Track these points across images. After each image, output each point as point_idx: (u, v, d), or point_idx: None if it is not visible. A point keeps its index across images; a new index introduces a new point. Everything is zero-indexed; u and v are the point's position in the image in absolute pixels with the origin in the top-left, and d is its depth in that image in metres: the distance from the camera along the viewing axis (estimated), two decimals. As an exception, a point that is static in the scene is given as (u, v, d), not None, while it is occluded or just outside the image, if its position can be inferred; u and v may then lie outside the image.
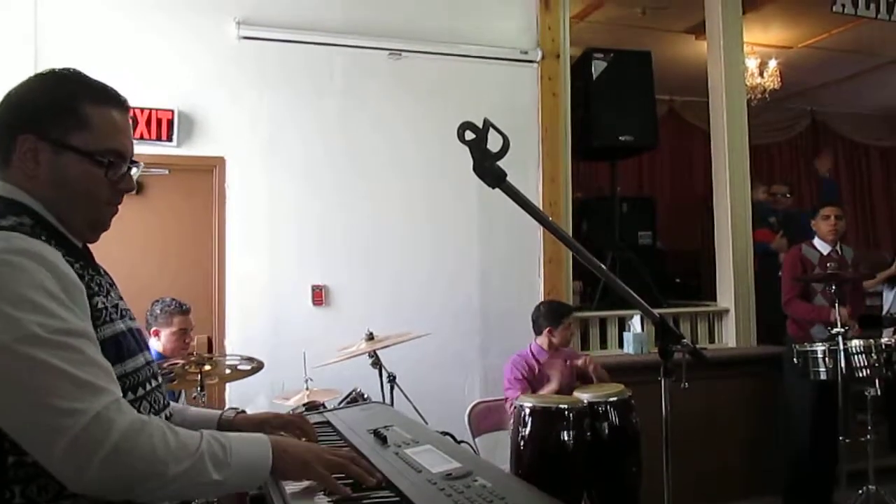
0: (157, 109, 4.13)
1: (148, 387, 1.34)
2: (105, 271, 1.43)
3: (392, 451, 1.66)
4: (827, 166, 8.15)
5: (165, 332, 3.43)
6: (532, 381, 3.83)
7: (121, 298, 1.40)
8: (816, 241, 4.58)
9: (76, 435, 1.07)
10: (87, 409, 1.08)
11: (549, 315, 3.95)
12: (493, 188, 1.31)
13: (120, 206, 1.40)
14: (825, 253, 4.51)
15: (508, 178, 1.35)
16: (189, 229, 4.38)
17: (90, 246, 1.41)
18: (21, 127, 1.28)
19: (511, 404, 3.79)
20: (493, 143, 1.30)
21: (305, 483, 1.43)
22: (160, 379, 1.43)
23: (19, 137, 1.27)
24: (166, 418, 1.39)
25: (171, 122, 4.19)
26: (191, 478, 1.17)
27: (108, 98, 1.35)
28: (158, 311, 3.45)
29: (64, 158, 1.28)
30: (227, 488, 1.24)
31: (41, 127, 1.28)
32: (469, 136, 1.28)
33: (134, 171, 1.39)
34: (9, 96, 1.32)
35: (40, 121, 1.28)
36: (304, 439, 1.68)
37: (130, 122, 1.41)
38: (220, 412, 1.68)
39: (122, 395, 1.17)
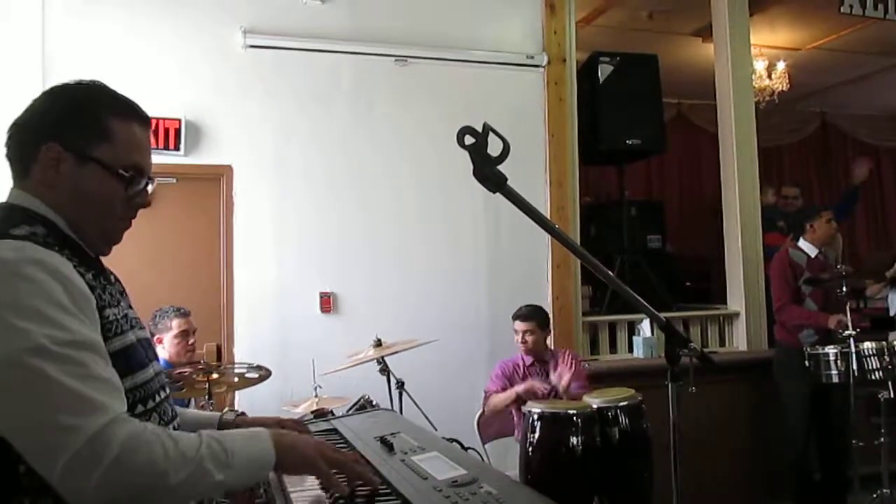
0: (164, 119, 4.14)
1: (158, 398, 1.35)
2: (116, 278, 1.43)
3: (398, 458, 1.65)
4: (863, 175, 7.52)
5: (167, 337, 3.45)
6: (511, 381, 3.82)
7: (130, 307, 1.40)
8: (803, 244, 4.55)
9: (76, 452, 1.06)
10: (86, 426, 1.08)
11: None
12: (494, 193, 1.31)
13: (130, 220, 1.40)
14: (812, 255, 4.50)
15: (515, 184, 1.34)
16: (197, 238, 4.40)
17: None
18: (46, 135, 1.29)
19: (487, 396, 3.81)
20: (494, 147, 1.30)
21: (312, 495, 1.43)
22: (168, 390, 1.43)
23: (43, 146, 1.28)
24: (174, 429, 1.38)
25: (178, 131, 4.20)
26: (193, 483, 1.16)
27: (132, 113, 1.36)
28: (158, 319, 3.47)
29: (86, 170, 1.29)
30: (233, 487, 1.24)
31: (66, 137, 1.28)
32: (469, 140, 1.27)
33: (150, 187, 1.40)
34: (34, 104, 1.33)
35: (65, 131, 1.29)
36: None
37: (151, 137, 1.42)
38: (219, 414, 1.69)
39: (125, 408, 1.16)
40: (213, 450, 1.19)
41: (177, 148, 4.19)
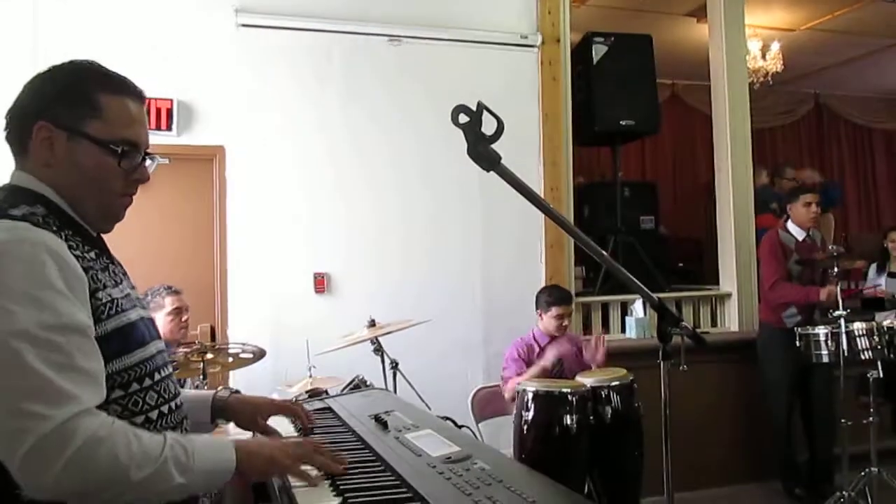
0: (156, 99, 4.11)
1: (157, 376, 1.35)
2: (117, 261, 1.43)
3: (392, 436, 1.67)
4: (810, 175, 7.53)
5: (160, 316, 3.44)
6: (529, 363, 3.83)
7: (133, 288, 1.41)
8: (791, 226, 4.57)
9: (39, 440, 1.07)
10: (53, 416, 1.09)
11: (544, 298, 3.97)
12: (488, 171, 1.31)
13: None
14: (800, 238, 4.52)
15: (509, 164, 1.34)
16: (190, 218, 4.38)
17: None
18: (38, 115, 1.29)
19: (506, 382, 3.81)
20: (488, 126, 1.30)
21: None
22: (171, 368, 1.43)
23: (36, 125, 1.29)
24: (176, 407, 1.39)
25: (170, 112, 4.18)
26: (154, 483, 1.17)
27: (124, 88, 1.36)
28: (150, 298, 3.46)
29: (78, 146, 1.29)
30: (191, 490, 1.25)
31: (57, 115, 1.29)
32: (463, 119, 1.27)
33: (149, 162, 1.40)
34: (27, 85, 1.34)
35: (56, 109, 1.29)
36: (297, 423, 1.69)
37: (146, 113, 1.41)
38: (213, 392, 1.69)
39: (98, 400, 1.17)
40: (175, 452, 1.20)
41: (169, 128, 4.17)
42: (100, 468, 1.11)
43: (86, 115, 1.30)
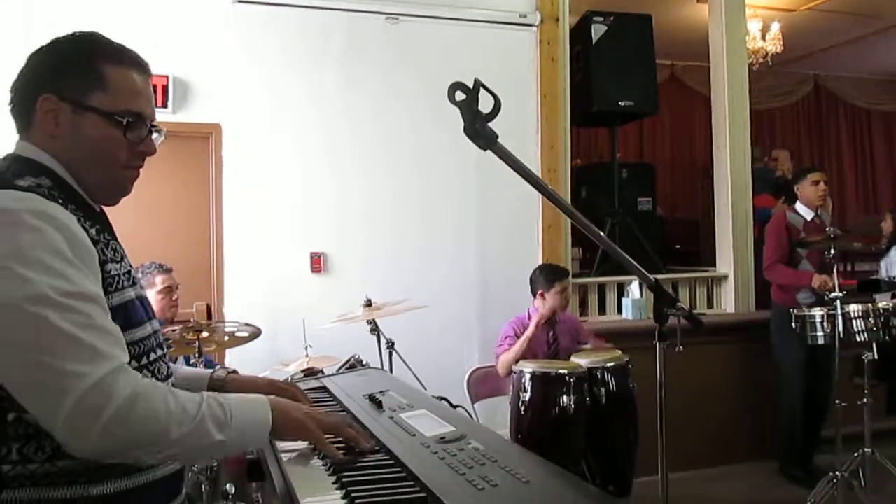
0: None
1: (153, 356, 1.34)
2: (117, 238, 1.43)
3: (387, 416, 1.67)
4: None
5: (151, 294, 3.43)
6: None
7: (131, 266, 1.40)
8: (799, 207, 4.57)
9: (80, 397, 1.08)
10: (90, 373, 1.09)
11: (542, 278, 3.94)
12: (485, 150, 1.29)
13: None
14: (808, 219, 4.51)
15: (507, 145, 1.33)
16: (186, 196, 4.37)
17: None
18: (42, 87, 1.28)
19: (498, 357, 3.82)
20: (485, 104, 1.28)
21: (299, 447, 1.45)
22: (165, 348, 1.43)
23: (40, 98, 1.28)
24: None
25: (166, 89, 4.15)
26: (193, 440, 1.19)
27: (129, 60, 1.35)
28: (140, 276, 3.45)
29: (83, 119, 1.28)
30: (230, 448, 1.27)
31: (61, 87, 1.28)
32: (459, 96, 1.26)
33: (155, 135, 1.38)
34: (31, 58, 1.32)
35: (61, 81, 1.28)
36: None
37: (151, 86, 1.39)
38: (210, 372, 1.69)
39: (127, 360, 1.18)
40: (213, 409, 1.22)
41: (164, 105, 4.13)
42: (141, 424, 1.12)
43: (90, 87, 1.28)
